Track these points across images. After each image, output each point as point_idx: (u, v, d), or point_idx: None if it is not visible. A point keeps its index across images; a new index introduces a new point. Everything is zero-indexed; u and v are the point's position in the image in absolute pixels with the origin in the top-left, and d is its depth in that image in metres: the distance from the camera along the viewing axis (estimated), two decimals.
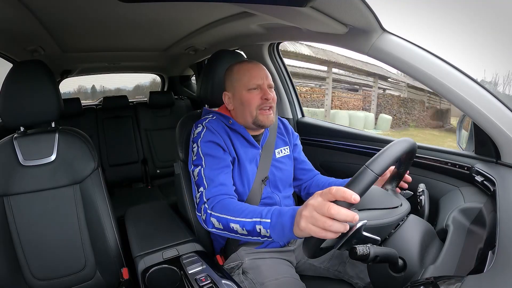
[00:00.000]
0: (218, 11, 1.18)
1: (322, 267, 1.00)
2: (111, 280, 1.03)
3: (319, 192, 0.57)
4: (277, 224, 0.65)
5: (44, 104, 0.97)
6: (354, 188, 0.53)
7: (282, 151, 1.06)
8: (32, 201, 0.97)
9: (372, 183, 0.54)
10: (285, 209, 0.67)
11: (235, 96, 0.95)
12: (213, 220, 0.78)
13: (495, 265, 0.49)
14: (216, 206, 0.79)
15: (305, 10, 0.78)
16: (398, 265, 0.63)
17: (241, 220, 0.72)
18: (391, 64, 0.87)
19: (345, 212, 0.51)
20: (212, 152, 0.89)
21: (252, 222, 0.70)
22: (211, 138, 0.91)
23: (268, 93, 0.92)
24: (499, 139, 0.79)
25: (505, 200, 0.64)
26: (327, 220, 0.52)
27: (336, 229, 0.52)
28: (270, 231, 0.67)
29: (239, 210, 0.74)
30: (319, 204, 0.54)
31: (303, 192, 1.12)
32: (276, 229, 0.66)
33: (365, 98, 10.61)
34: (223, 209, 0.78)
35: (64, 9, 1.07)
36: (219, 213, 0.77)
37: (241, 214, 0.73)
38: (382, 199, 0.69)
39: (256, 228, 0.69)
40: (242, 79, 0.93)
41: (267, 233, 0.67)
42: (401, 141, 0.63)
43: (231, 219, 0.74)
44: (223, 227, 0.76)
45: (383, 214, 0.65)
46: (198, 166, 0.88)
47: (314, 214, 0.54)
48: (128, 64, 2.44)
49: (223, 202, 0.80)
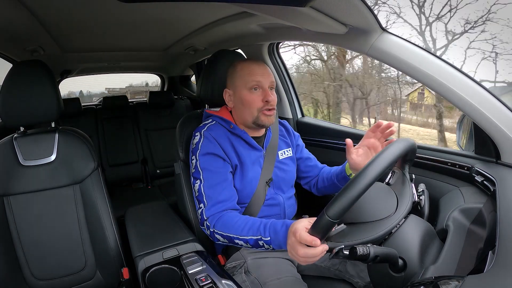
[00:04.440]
0: (218, 11, 1.18)
1: (323, 266, 1.00)
2: (111, 280, 1.03)
3: (292, 231, 0.67)
4: (276, 240, 0.75)
5: (44, 104, 0.97)
6: (315, 233, 0.59)
7: (285, 153, 1.06)
8: (32, 201, 0.97)
9: (330, 227, 0.58)
10: (278, 225, 0.76)
11: (236, 94, 0.95)
12: (218, 236, 0.85)
13: (495, 265, 0.49)
14: (217, 224, 0.86)
15: (305, 10, 0.78)
16: (398, 265, 0.63)
17: (244, 238, 0.80)
18: (391, 64, 0.87)
19: (311, 252, 0.61)
20: (210, 166, 0.90)
21: (254, 239, 0.78)
22: (209, 149, 0.91)
23: (269, 95, 0.91)
24: (499, 139, 0.79)
25: (505, 200, 0.64)
26: (299, 258, 0.64)
27: (310, 261, 0.63)
28: (272, 245, 0.77)
29: (240, 227, 0.81)
30: (292, 244, 0.66)
31: (313, 189, 1.13)
32: (276, 243, 0.76)
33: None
34: (224, 227, 0.84)
35: (64, 9, 1.07)
36: (221, 231, 0.84)
37: (242, 232, 0.80)
38: (374, 208, 0.66)
39: (259, 243, 0.78)
40: (244, 76, 0.93)
41: (270, 246, 0.77)
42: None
43: (235, 236, 0.81)
44: (228, 241, 0.84)
45: (370, 229, 0.63)
46: (197, 180, 0.91)
47: (292, 249, 0.66)
48: (128, 64, 2.44)
49: (223, 219, 0.85)
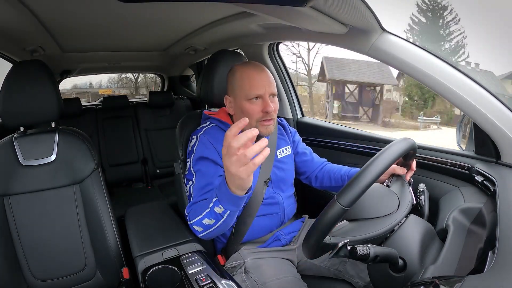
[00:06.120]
0: (218, 11, 1.18)
1: (323, 266, 1.00)
2: (111, 280, 1.03)
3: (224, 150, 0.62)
4: (222, 196, 0.70)
5: (44, 104, 0.97)
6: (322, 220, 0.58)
7: (284, 151, 1.06)
8: (32, 201, 0.97)
9: (340, 215, 0.57)
10: (219, 183, 0.72)
11: (236, 103, 0.93)
12: (195, 227, 0.83)
13: (495, 265, 0.49)
14: (190, 215, 0.85)
15: (305, 10, 0.78)
16: (398, 265, 0.63)
17: (206, 213, 0.77)
18: (391, 64, 0.87)
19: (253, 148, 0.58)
20: (202, 169, 0.91)
21: (211, 209, 0.75)
22: (203, 153, 0.91)
23: (268, 105, 0.88)
24: (499, 139, 0.79)
25: (505, 200, 0.64)
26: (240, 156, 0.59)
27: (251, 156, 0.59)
28: (222, 205, 0.72)
29: (201, 207, 0.79)
30: (228, 155, 0.60)
31: (315, 184, 1.12)
32: (224, 200, 0.71)
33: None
34: (193, 213, 0.83)
35: (64, 9, 1.07)
36: (193, 219, 0.82)
37: (202, 209, 0.78)
38: (377, 205, 0.67)
39: (216, 212, 0.74)
40: (243, 87, 0.90)
41: (223, 208, 0.72)
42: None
43: (201, 217, 0.79)
44: (203, 228, 0.81)
45: (373, 225, 0.64)
46: (189, 181, 0.92)
47: (229, 159, 0.61)
48: (128, 64, 2.44)
49: (192, 208, 0.85)
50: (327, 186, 1.08)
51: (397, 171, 0.84)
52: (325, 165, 1.12)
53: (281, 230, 1.03)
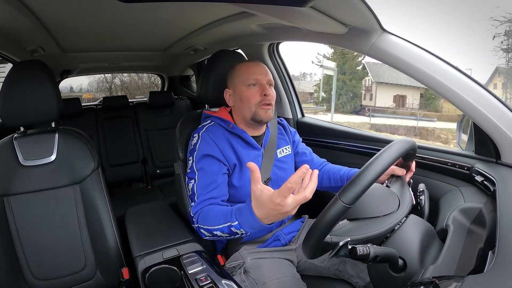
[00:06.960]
0: (218, 11, 1.18)
1: (323, 266, 1.00)
2: (111, 280, 1.02)
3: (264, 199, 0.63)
4: (245, 222, 0.70)
5: (44, 104, 0.97)
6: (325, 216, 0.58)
7: (284, 151, 1.06)
8: (32, 201, 0.97)
9: (342, 213, 0.57)
10: (242, 206, 0.72)
11: (235, 92, 0.97)
12: (202, 231, 0.84)
13: (495, 265, 0.49)
14: (199, 218, 0.85)
15: (305, 10, 0.78)
16: (398, 265, 0.63)
17: (219, 227, 0.77)
18: (391, 64, 0.87)
19: (291, 200, 0.60)
20: (205, 167, 0.91)
21: (227, 227, 0.75)
22: (205, 151, 0.92)
23: (267, 89, 0.94)
24: (499, 139, 0.79)
25: (505, 200, 0.64)
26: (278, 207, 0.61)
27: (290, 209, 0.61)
28: (244, 229, 0.72)
29: (215, 218, 0.79)
30: (275, 206, 0.62)
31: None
32: (246, 226, 0.71)
33: None
34: (203, 220, 0.83)
35: (64, 9, 1.07)
36: (203, 224, 0.83)
37: (215, 221, 0.78)
38: (377, 204, 0.68)
39: (232, 230, 0.74)
40: (242, 75, 0.96)
41: (243, 231, 0.73)
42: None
43: (212, 228, 0.79)
44: (211, 235, 0.82)
45: (373, 225, 0.64)
46: (191, 180, 0.92)
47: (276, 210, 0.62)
48: (128, 64, 2.44)
49: (202, 212, 0.85)
50: (326, 186, 1.08)
51: (397, 172, 0.84)
52: (325, 166, 1.12)
53: (281, 230, 1.03)
